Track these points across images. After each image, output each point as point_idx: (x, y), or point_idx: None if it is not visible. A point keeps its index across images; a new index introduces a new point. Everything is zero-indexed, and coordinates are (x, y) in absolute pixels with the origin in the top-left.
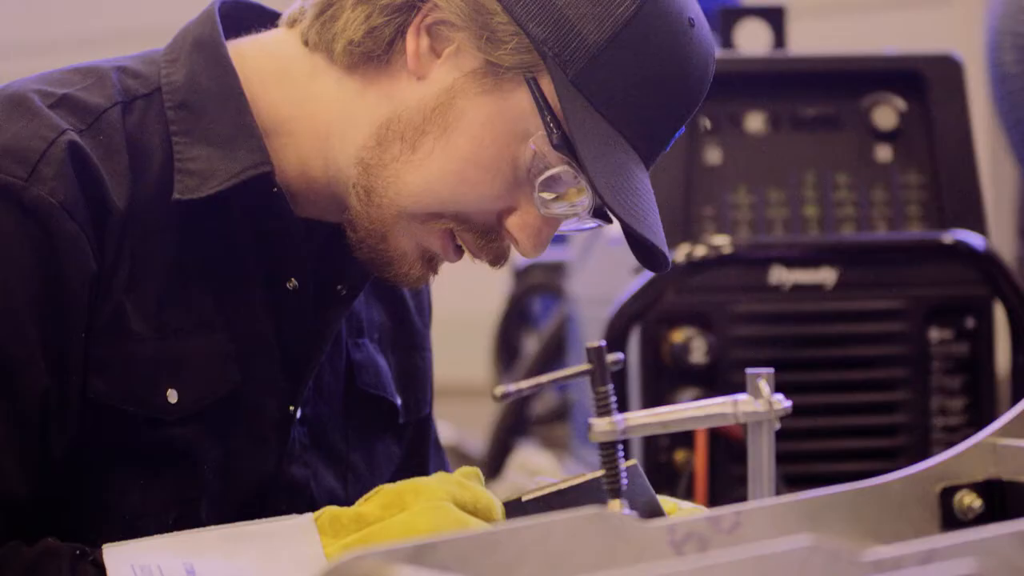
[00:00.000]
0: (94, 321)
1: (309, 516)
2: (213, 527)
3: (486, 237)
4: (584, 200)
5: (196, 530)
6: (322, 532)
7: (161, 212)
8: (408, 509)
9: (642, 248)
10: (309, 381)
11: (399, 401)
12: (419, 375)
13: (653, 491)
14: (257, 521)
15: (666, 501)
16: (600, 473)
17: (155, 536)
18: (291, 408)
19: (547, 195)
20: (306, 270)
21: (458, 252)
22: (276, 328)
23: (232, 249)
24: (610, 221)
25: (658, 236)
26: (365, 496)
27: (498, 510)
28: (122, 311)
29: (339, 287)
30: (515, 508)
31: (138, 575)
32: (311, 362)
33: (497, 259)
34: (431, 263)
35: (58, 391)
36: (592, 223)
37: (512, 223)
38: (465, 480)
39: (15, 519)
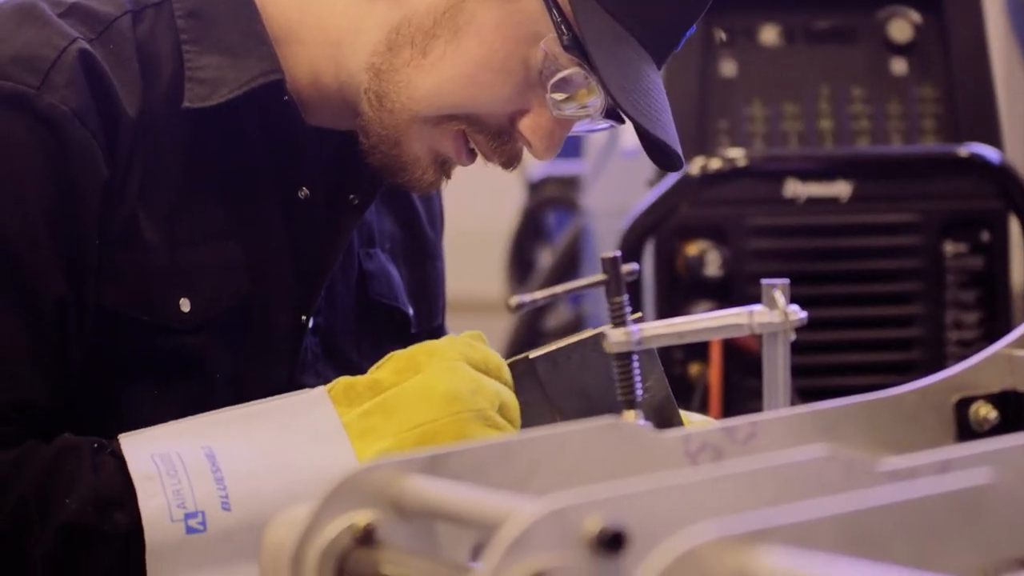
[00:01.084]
0: (107, 230)
1: (321, 388)
2: (227, 408)
3: (499, 139)
4: (596, 101)
5: (210, 412)
6: (336, 402)
7: (172, 121)
8: (422, 371)
9: (655, 148)
10: (321, 291)
11: (411, 311)
12: (431, 285)
13: (666, 379)
14: (270, 398)
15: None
16: (604, 328)
17: (170, 423)
18: (303, 318)
19: (559, 97)
20: (318, 179)
21: (471, 155)
22: (288, 238)
23: (243, 159)
24: (623, 121)
25: (670, 135)
26: (377, 363)
27: (507, 371)
28: (134, 220)
29: (351, 196)
30: (523, 366)
31: (159, 464)
32: (323, 272)
33: (510, 161)
34: (444, 167)
35: (74, 299)
36: (605, 124)
37: (525, 125)
38: (474, 341)
39: (33, 426)
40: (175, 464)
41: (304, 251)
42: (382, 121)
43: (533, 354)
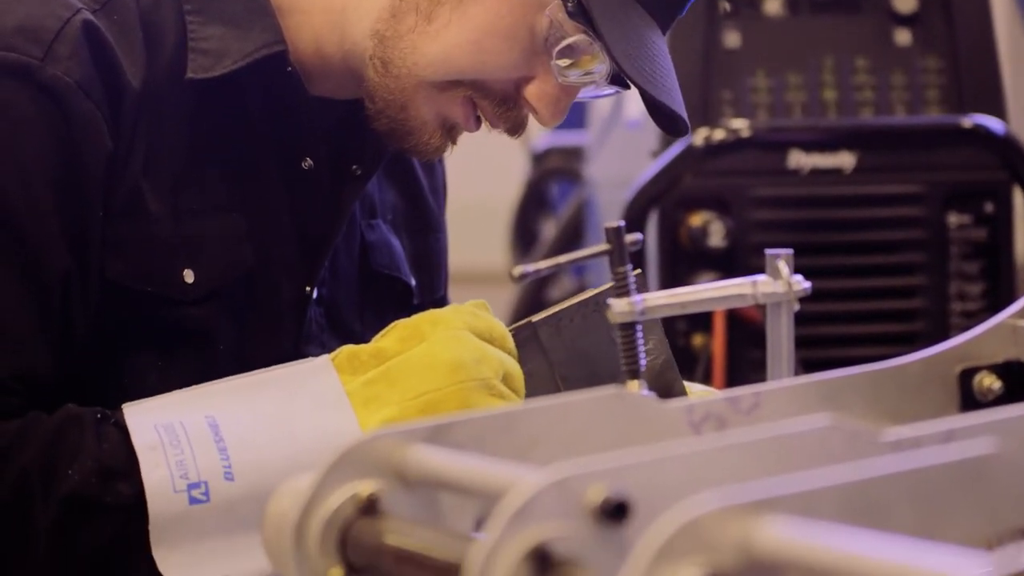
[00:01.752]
0: (111, 201)
1: (325, 357)
2: (231, 377)
3: (504, 106)
4: (601, 67)
5: (214, 381)
6: (340, 370)
7: (175, 92)
8: (427, 340)
9: (660, 113)
10: (325, 262)
11: (413, 282)
12: (433, 256)
13: (667, 341)
14: (274, 367)
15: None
16: (606, 287)
17: (174, 392)
18: (307, 289)
19: (564, 63)
20: (320, 150)
21: (478, 121)
22: (291, 209)
23: (246, 130)
24: (628, 87)
25: (676, 100)
26: (382, 332)
27: (511, 340)
28: (138, 192)
29: (354, 167)
30: (526, 331)
31: (162, 435)
32: (327, 243)
33: (515, 128)
34: (451, 133)
35: (79, 271)
36: (610, 90)
37: (530, 92)
38: (478, 310)
39: (37, 397)
40: (178, 434)
41: (307, 222)
42: (388, 87)
43: (536, 318)
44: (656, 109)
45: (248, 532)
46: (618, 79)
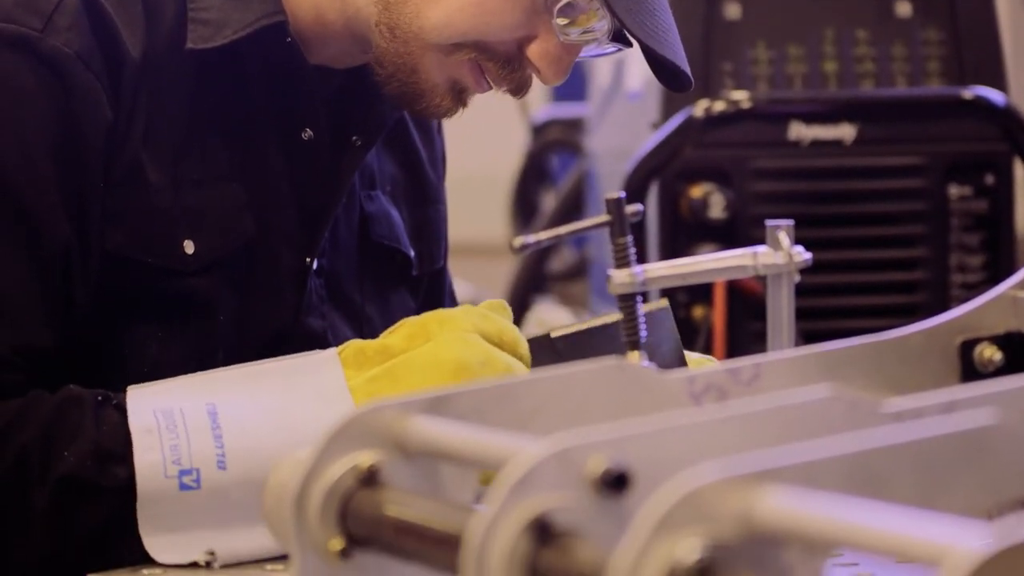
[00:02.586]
0: (111, 172)
1: (332, 350)
2: (236, 366)
3: (508, 67)
4: (602, 24)
5: (219, 369)
6: (346, 365)
7: (175, 63)
8: (433, 339)
9: (662, 68)
10: (325, 233)
11: (413, 253)
12: (433, 227)
13: (678, 336)
14: (280, 358)
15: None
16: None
17: (178, 377)
18: (307, 260)
19: (565, 21)
20: (320, 120)
21: (488, 83)
22: (291, 180)
23: (246, 100)
24: (630, 45)
25: (678, 55)
26: (390, 329)
27: (524, 345)
28: (138, 162)
29: (354, 138)
30: (542, 344)
31: (160, 420)
32: (326, 214)
33: (519, 88)
34: (461, 95)
35: (79, 242)
36: (612, 48)
37: (533, 52)
38: (490, 312)
39: (38, 371)
40: (176, 420)
41: (307, 193)
42: (396, 51)
43: (555, 333)
44: (658, 64)
45: (238, 517)
46: (620, 37)
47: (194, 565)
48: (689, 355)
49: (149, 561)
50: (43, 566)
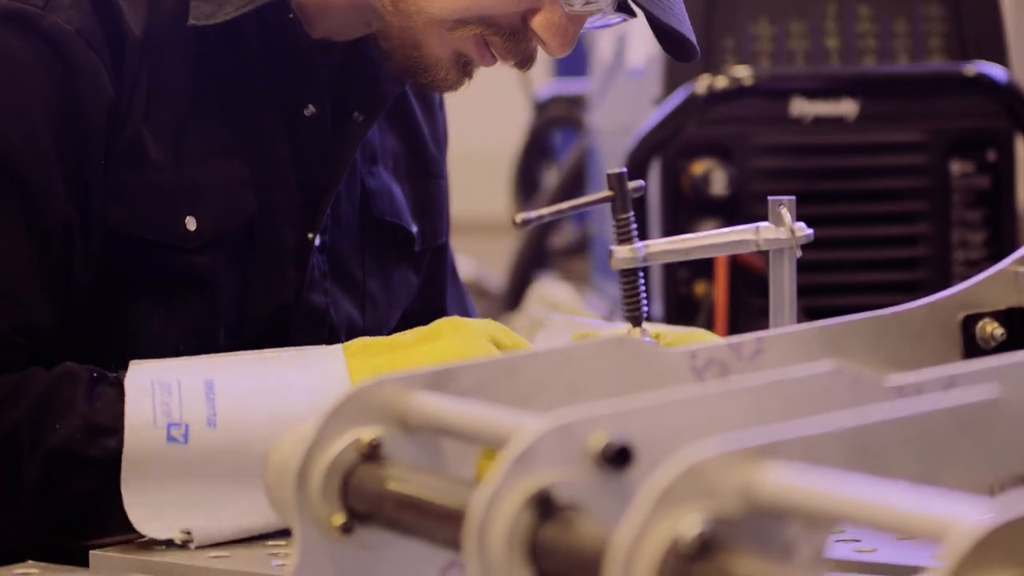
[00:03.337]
0: (113, 149)
1: (338, 346)
2: (238, 352)
3: (513, 39)
4: None
5: (226, 354)
6: (350, 356)
7: (176, 39)
8: (442, 339)
9: (668, 38)
10: (327, 209)
11: (415, 229)
12: (435, 203)
13: None
14: (283, 349)
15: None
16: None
17: (184, 357)
18: (309, 236)
19: None
20: (322, 96)
21: (494, 57)
22: (293, 156)
23: (248, 77)
24: (635, 15)
25: (684, 24)
26: (402, 333)
27: None
28: (140, 139)
29: (355, 114)
30: None
31: (156, 389)
32: (328, 189)
33: (525, 61)
34: (466, 68)
35: (81, 220)
36: (617, 18)
37: (537, 23)
38: (506, 327)
39: (38, 349)
40: (172, 387)
41: (309, 169)
42: (401, 26)
43: None
44: (664, 34)
45: (220, 485)
46: (624, 6)
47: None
48: (680, 329)
49: (136, 534)
50: (32, 538)
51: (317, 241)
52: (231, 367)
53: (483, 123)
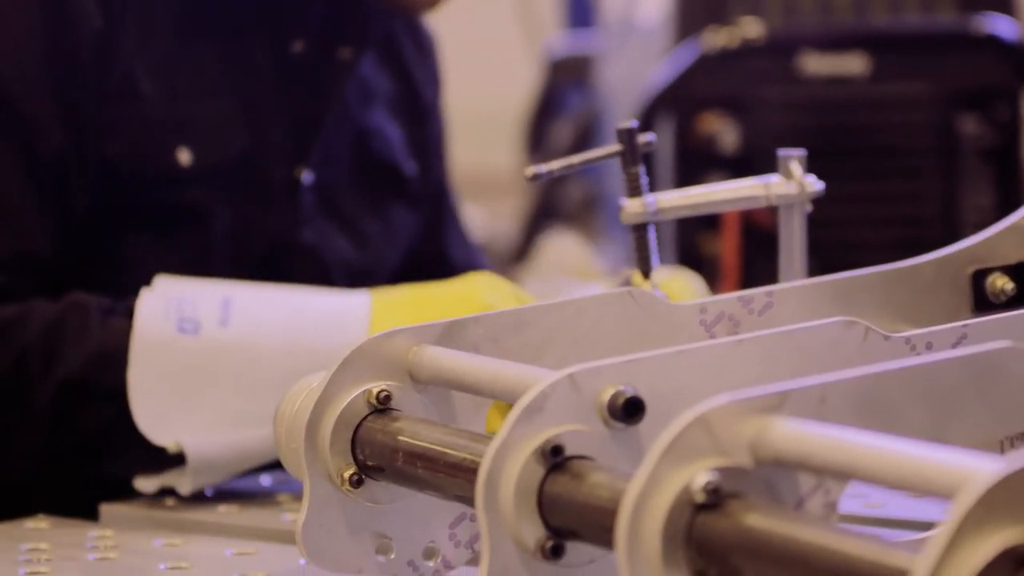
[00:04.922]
0: (104, 83)
1: (365, 290)
2: (260, 283)
3: None
4: None
5: (248, 283)
6: (376, 297)
7: None
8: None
9: None
10: (316, 145)
11: (409, 168)
12: (430, 143)
13: None
14: (310, 287)
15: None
16: None
17: (203, 279)
18: (298, 172)
19: None
20: (310, 33)
21: None
22: (282, 92)
23: (236, 12)
24: None
25: None
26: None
27: None
28: (131, 72)
29: (343, 50)
30: None
31: (170, 306)
32: (317, 126)
33: None
34: None
35: (74, 150)
36: None
37: None
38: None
39: (38, 280)
40: (187, 298)
41: (298, 105)
42: None
43: None
44: None
45: (226, 384)
46: None
47: (202, 497)
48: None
49: (147, 470)
50: (41, 466)
51: (308, 179)
52: (249, 289)
53: (493, 80)
